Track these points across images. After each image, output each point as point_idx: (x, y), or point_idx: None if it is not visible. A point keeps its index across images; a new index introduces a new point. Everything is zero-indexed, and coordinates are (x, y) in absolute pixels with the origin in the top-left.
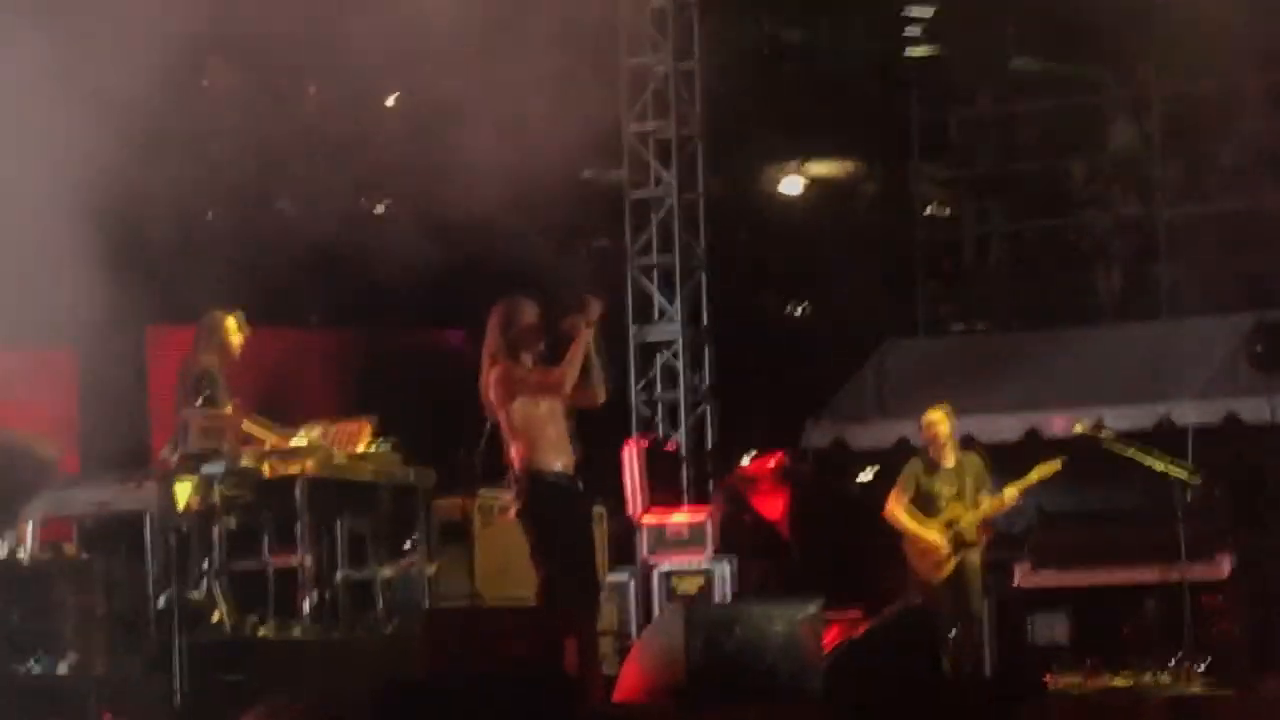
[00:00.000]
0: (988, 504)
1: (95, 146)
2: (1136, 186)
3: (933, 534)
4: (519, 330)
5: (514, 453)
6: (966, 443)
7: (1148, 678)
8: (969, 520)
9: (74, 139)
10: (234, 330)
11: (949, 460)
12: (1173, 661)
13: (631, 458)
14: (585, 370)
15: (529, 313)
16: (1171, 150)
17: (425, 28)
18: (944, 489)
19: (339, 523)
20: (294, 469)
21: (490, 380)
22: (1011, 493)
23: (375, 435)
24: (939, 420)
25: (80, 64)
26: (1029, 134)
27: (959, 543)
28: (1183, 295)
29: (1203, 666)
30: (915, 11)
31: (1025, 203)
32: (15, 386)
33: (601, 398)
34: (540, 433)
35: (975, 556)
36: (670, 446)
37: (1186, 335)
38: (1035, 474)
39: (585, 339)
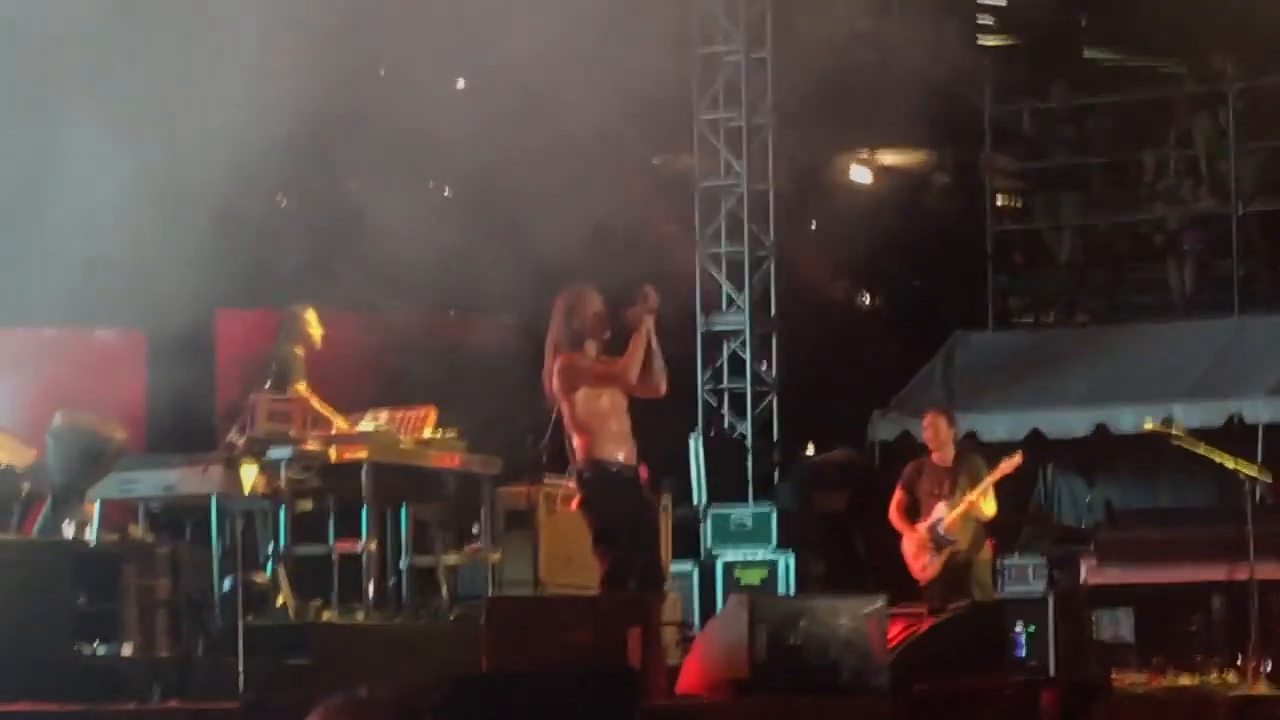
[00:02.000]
0: (961, 505)
1: (163, 133)
2: (1209, 181)
3: (917, 533)
4: (583, 320)
5: (576, 443)
6: (1034, 438)
7: (1213, 677)
8: (948, 520)
9: (145, 127)
10: (314, 323)
11: (945, 460)
12: (1239, 661)
13: (697, 448)
14: (646, 361)
15: (593, 302)
16: (1245, 144)
17: (496, 12)
18: (930, 488)
19: (404, 509)
20: (359, 454)
21: (553, 370)
22: (974, 494)
23: (440, 422)
24: (932, 422)
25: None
26: (1102, 126)
27: (940, 543)
28: (1255, 291)
29: (1269, 666)
30: (989, 1)
31: (1097, 196)
32: (84, 367)
33: (663, 389)
34: (603, 424)
35: (964, 555)
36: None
37: (1259, 332)
38: (996, 472)
39: (646, 329)
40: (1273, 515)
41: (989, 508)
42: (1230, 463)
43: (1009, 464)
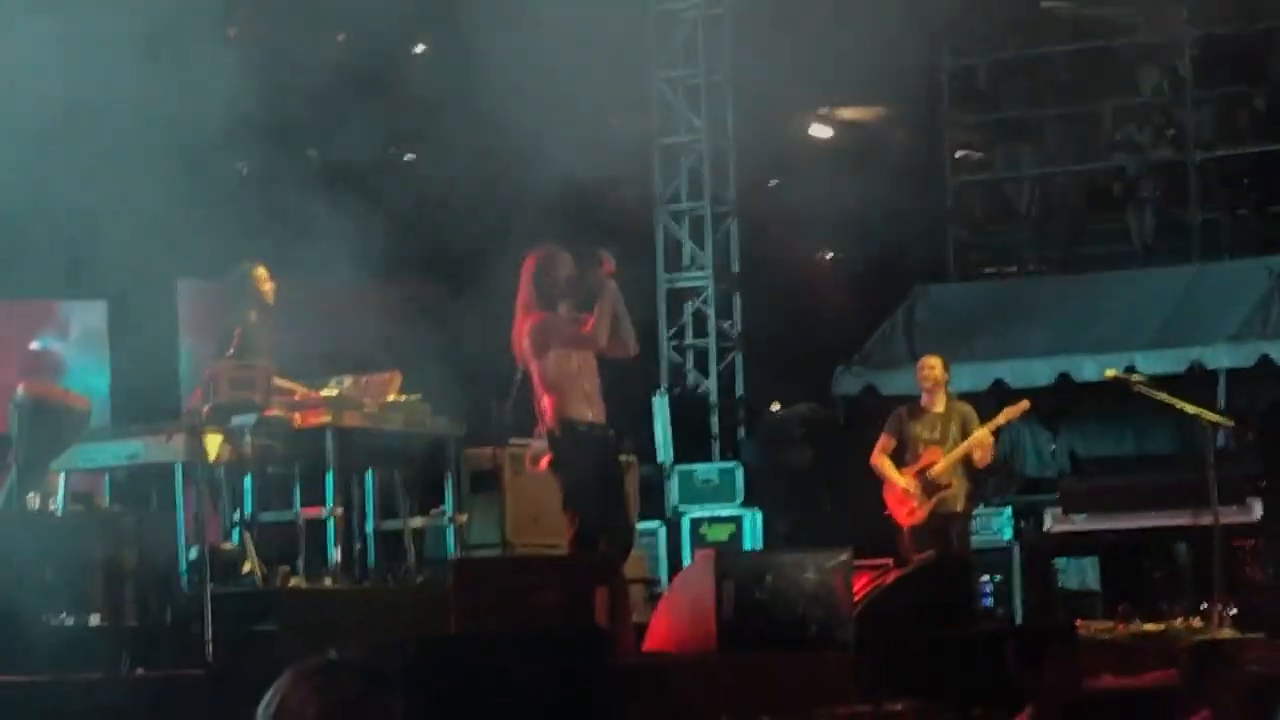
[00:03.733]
0: (961, 447)
1: (125, 99)
2: (1167, 129)
3: (905, 479)
4: (555, 281)
5: (546, 404)
6: (997, 389)
7: (1178, 623)
8: (942, 465)
9: (105, 92)
10: (265, 279)
11: (937, 406)
12: (1203, 606)
13: (661, 406)
14: (614, 322)
15: (565, 264)
16: (1202, 93)
17: None
18: (923, 433)
19: (369, 473)
20: (324, 419)
21: (524, 330)
22: (982, 434)
23: (404, 386)
24: (934, 364)
25: (105, 17)
26: (1059, 77)
27: (930, 488)
28: (1214, 238)
29: (1233, 611)
30: None
31: (1055, 147)
32: (47, 338)
33: (633, 349)
34: (573, 384)
35: (954, 503)
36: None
37: (1218, 278)
38: (1003, 415)
39: (610, 291)
40: (1235, 461)
41: (989, 453)
42: (1192, 409)
43: (1015, 410)
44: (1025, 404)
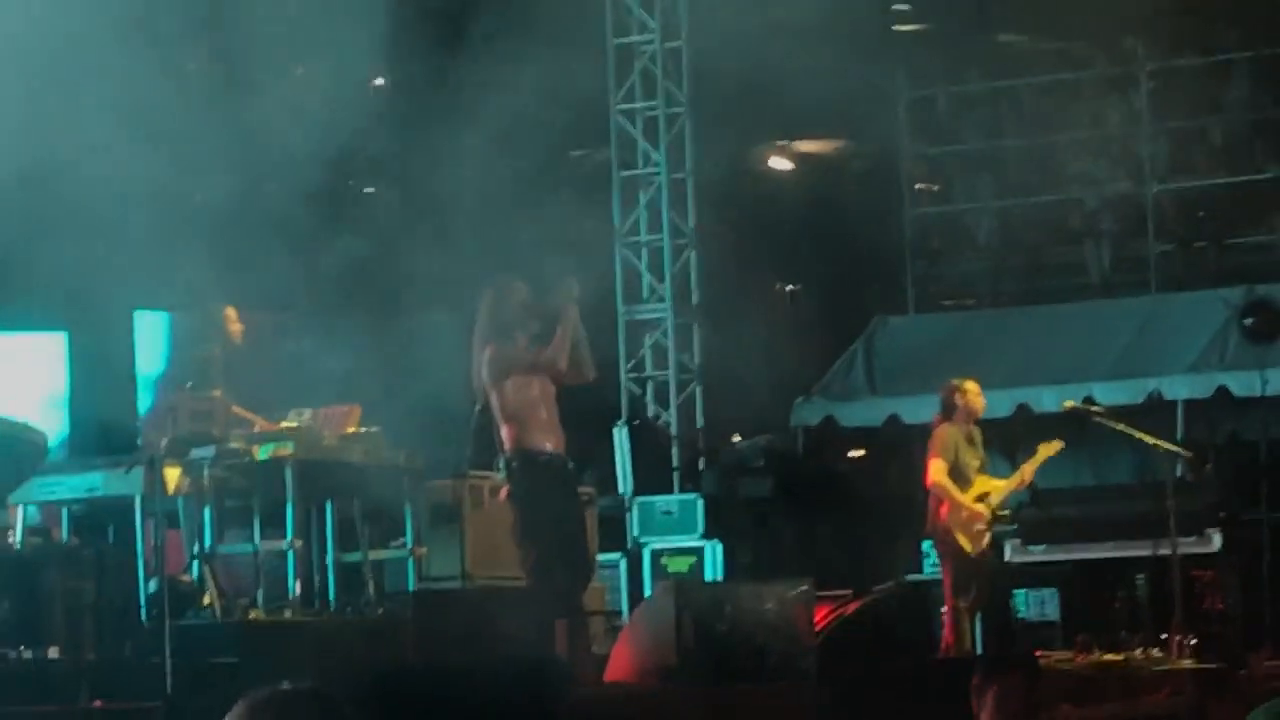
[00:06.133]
0: (1013, 480)
1: (79, 131)
2: (1124, 162)
3: (977, 504)
4: (510, 311)
5: (505, 433)
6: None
7: (1138, 653)
8: (997, 493)
9: (60, 122)
10: (233, 319)
11: (975, 434)
12: (1163, 636)
13: (621, 439)
14: (573, 349)
15: (519, 293)
16: (1159, 125)
17: (411, 8)
18: (974, 461)
19: (329, 505)
20: (283, 452)
21: (483, 360)
22: (1030, 470)
23: (364, 419)
24: (979, 392)
25: (64, 47)
26: (1016, 110)
27: (996, 516)
28: (1172, 270)
29: (1193, 641)
30: None
31: (1014, 179)
32: (5, 370)
33: (591, 375)
34: (532, 414)
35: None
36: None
37: (1176, 310)
38: (1042, 453)
39: (571, 318)
40: (1194, 491)
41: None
42: (1150, 440)
43: (1051, 448)
44: (1059, 444)
